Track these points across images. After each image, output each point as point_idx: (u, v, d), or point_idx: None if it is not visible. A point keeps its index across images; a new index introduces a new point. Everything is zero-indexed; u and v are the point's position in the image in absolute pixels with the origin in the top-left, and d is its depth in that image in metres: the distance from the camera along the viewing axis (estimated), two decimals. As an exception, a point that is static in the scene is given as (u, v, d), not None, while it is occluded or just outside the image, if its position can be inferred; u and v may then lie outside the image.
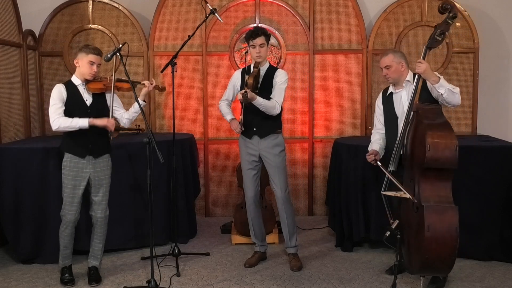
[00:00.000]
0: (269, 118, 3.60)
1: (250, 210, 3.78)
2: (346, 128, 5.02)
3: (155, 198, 3.73)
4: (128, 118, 3.45)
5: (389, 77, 3.39)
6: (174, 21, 4.95)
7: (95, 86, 3.34)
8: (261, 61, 3.59)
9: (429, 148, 2.85)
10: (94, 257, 3.52)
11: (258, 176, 3.76)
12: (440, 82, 3.11)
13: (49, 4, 4.89)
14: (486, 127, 4.90)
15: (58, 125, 3.20)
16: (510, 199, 3.77)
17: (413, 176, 3.04)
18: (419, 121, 3.03)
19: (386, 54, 3.40)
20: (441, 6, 3.13)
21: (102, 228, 3.48)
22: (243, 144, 3.74)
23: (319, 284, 3.45)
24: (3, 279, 3.57)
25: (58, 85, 3.32)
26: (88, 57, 3.27)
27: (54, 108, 3.23)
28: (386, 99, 3.49)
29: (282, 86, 3.60)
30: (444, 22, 3.10)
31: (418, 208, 2.94)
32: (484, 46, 4.88)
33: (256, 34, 3.53)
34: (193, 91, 5.02)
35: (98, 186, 3.40)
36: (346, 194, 4.04)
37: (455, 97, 3.15)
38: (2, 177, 3.76)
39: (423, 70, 3.08)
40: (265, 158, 3.68)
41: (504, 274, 3.62)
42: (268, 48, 3.68)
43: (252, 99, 3.43)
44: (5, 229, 3.80)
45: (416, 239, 2.96)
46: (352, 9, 4.93)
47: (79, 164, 3.32)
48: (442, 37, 3.12)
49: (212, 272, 3.67)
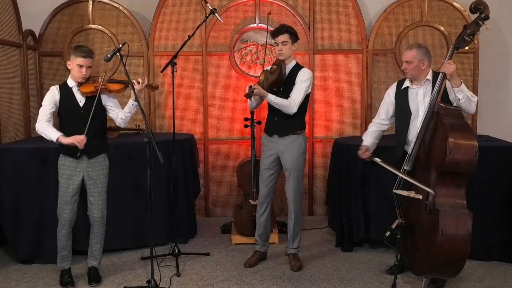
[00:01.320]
0: (290, 118, 3.55)
1: (260, 209, 3.77)
2: (346, 128, 5.02)
3: (155, 198, 3.74)
4: (122, 118, 3.40)
5: (408, 73, 3.30)
6: (174, 21, 4.95)
7: (86, 90, 3.31)
8: (284, 59, 3.55)
9: (450, 151, 2.78)
10: (93, 258, 3.53)
11: (274, 178, 3.72)
12: (461, 87, 3.06)
13: (49, 4, 4.89)
14: (486, 127, 4.90)
15: (38, 128, 3.23)
16: (510, 199, 3.77)
17: (428, 178, 2.97)
18: (441, 122, 2.93)
19: (410, 48, 3.28)
20: (474, 6, 3.03)
21: (100, 228, 3.48)
22: (264, 142, 3.73)
23: (319, 284, 3.45)
24: (3, 279, 3.57)
25: (52, 87, 3.33)
26: (77, 61, 3.24)
27: (42, 110, 3.26)
28: (400, 93, 3.40)
29: (302, 85, 3.52)
30: (475, 23, 3.01)
31: (432, 211, 2.89)
32: (484, 46, 4.88)
33: (279, 31, 3.51)
34: (193, 91, 5.02)
35: (93, 186, 3.39)
36: (346, 194, 4.04)
37: (472, 105, 3.11)
38: (2, 177, 3.76)
39: (452, 71, 3.01)
40: (283, 158, 3.64)
41: (504, 274, 3.62)
42: (294, 47, 3.58)
43: (262, 95, 3.41)
44: (5, 229, 3.80)
45: (426, 242, 2.92)
46: (352, 9, 4.93)
47: (73, 163, 3.32)
48: (471, 38, 3.03)
49: (212, 272, 3.67)
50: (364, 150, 3.42)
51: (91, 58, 3.29)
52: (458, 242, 2.78)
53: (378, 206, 3.89)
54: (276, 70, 3.51)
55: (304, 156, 3.69)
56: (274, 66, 3.54)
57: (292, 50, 3.57)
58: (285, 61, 3.57)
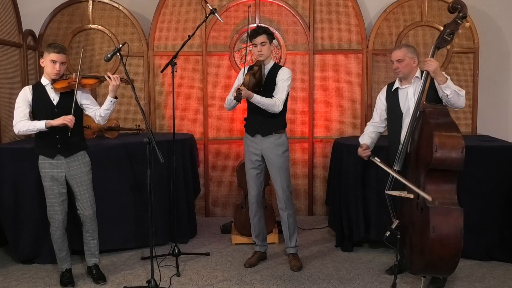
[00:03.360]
0: (272, 117, 3.58)
1: (252, 209, 3.78)
2: (346, 128, 5.02)
3: (155, 198, 3.74)
4: (101, 115, 3.32)
5: (399, 71, 3.33)
6: (174, 21, 4.95)
7: (60, 85, 3.25)
8: (263, 59, 3.59)
9: (436, 149, 2.82)
10: (92, 255, 3.50)
11: (261, 176, 3.75)
12: (447, 83, 3.09)
13: (49, 4, 4.89)
14: (486, 127, 4.89)
15: (18, 129, 3.18)
16: (510, 199, 3.77)
17: (418, 177, 3.01)
18: (426, 121, 2.98)
19: (400, 48, 3.34)
20: (451, 5, 3.10)
21: (93, 224, 3.44)
22: (247, 142, 3.74)
23: (319, 284, 3.45)
24: (3, 279, 3.57)
25: (25, 87, 3.30)
26: (50, 56, 3.20)
27: (16, 112, 3.22)
28: (391, 95, 3.44)
29: (284, 84, 3.57)
30: (454, 22, 3.06)
31: (423, 209, 2.92)
32: (484, 46, 4.88)
33: (256, 33, 3.55)
34: (193, 91, 5.02)
35: (78, 185, 3.35)
36: (346, 194, 4.04)
37: (460, 99, 3.14)
38: (2, 177, 3.76)
39: (434, 68, 3.05)
40: (267, 158, 3.67)
41: (504, 274, 3.62)
42: (272, 46, 3.66)
43: (248, 97, 3.42)
44: (5, 229, 3.80)
45: (419, 240, 2.94)
46: (352, 9, 4.93)
47: (53, 164, 3.29)
48: (451, 37, 3.08)
49: (212, 272, 3.67)
50: (364, 148, 3.43)
51: (64, 54, 3.24)
52: (450, 238, 2.81)
53: (378, 206, 3.89)
54: (257, 71, 3.56)
55: (288, 154, 3.72)
56: (255, 67, 3.57)
57: (270, 50, 3.63)
58: (264, 61, 3.61)
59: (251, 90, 3.47)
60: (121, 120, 4.76)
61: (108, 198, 3.85)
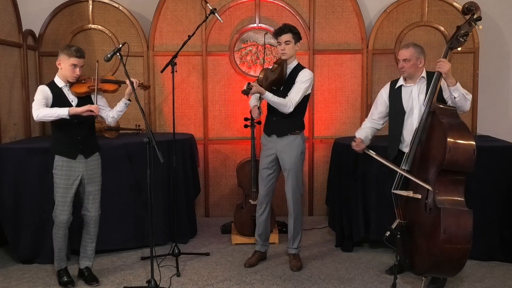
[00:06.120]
0: (288, 118, 3.54)
1: (258, 209, 3.78)
2: (346, 128, 5.02)
3: (155, 198, 3.74)
4: (113, 117, 3.38)
5: (405, 71, 3.31)
6: (174, 21, 4.95)
7: (79, 90, 3.27)
8: (286, 58, 3.54)
9: (449, 150, 2.81)
10: (87, 258, 3.49)
11: (273, 177, 3.72)
12: (456, 85, 3.08)
13: (49, 4, 4.89)
14: (486, 127, 4.89)
15: (38, 113, 3.11)
16: (510, 199, 3.77)
17: (426, 177, 2.99)
18: (438, 122, 2.96)
19: (407, 47, 3.31)
20: (466, 7, 3.09)
21: (96, 227, 3.45)
22: (263, 142, 3.73)
23: (319, 284, 3.45)
24: (3, 279, 3.57)
25: (41, 86, 3.27)
26: (71, 60, 3.20)
27: (37, 101, 3.17)
28: (394, 92, 3.42)
29: (301, 85, 3.50)
30: (468, 23, 3.06)
31: (432, 210, 2.91)
32: (484, 46, 4.88)
33: (282, 31, 3.51)
34: (193, 91, 5.02)
35: (91, 185, 3.37)
36: (346, 194, 4.04)
37: (467, 103, 3.14)
38: (2, 177, 3.75)
39: (447, 70, 3.04)
40: (281, 158, 3.63)
41: (504, 274, 3.62)
42: (296, 46, 3.56)
43: (259, 93, 3.40)
44: (5, 229, 3.80)
45: (427, 241, 2.92)
46: (352, 9, 4.93)
47: (71, 163, 3.29)
48: (464, 39, 3.08)
49: (212, 272, 3.67)
50: (358, 142, 3.42)
51: (84, 57, 3.27)
52: (460, 240, 2.81)
53: (378, 206, 3.89)
54: (277, 69, 3.51)
55: (303, 157, 3.68)
56: (275, 65, 3.54)
57: (294, 50, 3.56)
58: (287, 60, 3.57)
59: (267, 87, 3.44)
60: (121, 120, 4.75)
61: (108, 198, 3.84)
